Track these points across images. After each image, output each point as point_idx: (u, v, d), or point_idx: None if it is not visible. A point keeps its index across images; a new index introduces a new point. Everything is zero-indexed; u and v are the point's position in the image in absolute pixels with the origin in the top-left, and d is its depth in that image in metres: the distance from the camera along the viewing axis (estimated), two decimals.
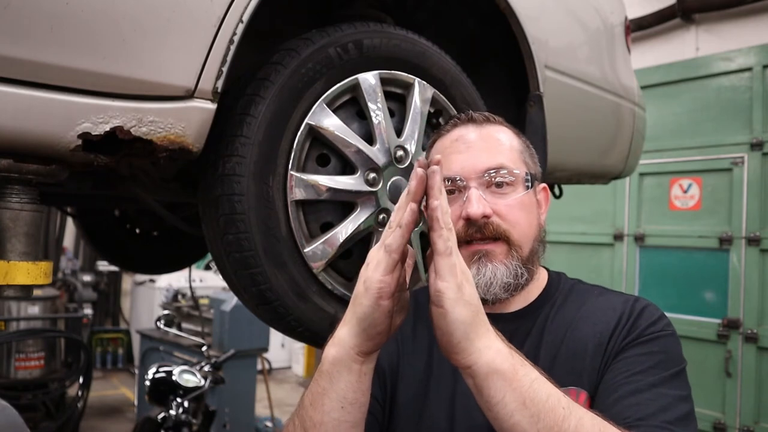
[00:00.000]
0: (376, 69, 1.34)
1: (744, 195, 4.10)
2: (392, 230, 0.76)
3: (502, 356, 0.74)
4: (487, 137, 1.01)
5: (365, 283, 0.77)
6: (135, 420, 5.16)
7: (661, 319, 0.94)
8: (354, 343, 0.80)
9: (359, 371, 0.81)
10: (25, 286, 1.03)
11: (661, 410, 0.82)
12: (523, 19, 1.60)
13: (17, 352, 4.81)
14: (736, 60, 4.30)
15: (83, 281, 7.46)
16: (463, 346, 0.74)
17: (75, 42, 0.94)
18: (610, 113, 2.16)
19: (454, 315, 0.72)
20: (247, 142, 1.18)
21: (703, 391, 4.12)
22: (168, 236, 2.77)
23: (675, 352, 0.91)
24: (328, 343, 0.83)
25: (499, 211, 0.95)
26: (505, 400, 0.72)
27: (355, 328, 0.79)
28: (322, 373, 0.82)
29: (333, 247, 1.27)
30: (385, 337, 0.81)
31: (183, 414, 3.46)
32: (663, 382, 0.86)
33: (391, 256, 0.75)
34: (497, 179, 0.97)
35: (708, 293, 4.28)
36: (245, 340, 4.61)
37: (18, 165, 0.99)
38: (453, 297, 0.72)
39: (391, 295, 0.77)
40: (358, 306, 0.79)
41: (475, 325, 0.74)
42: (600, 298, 1.01)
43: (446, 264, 0.73)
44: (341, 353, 0.81)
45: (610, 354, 0.91)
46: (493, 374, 0.73)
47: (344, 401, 0.81)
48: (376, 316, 0.77)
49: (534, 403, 0.72)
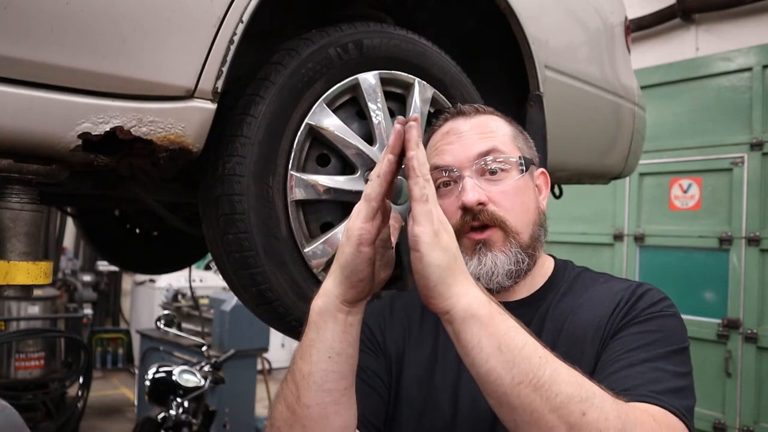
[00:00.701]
0: (376, 69, 1.34)
1: (744, 195, 4.11)
2: (372, 181, 0.79)
3: (478, 301, 0.75)
4: (477, 126, 1.02)
5: (347, 232, 0.80)
6: (135, 420, 5.15)
7: (662, 301, 0.93)
8: (338, 291, 0.82)
9: (345, 321, 0.82)
10: (25, 286, 1.03)
11: (650, 381, 0.81)
12: (523, 19, 1.60)
13: (17, 352, 4.81)
14: (736, 60, 4.30)
15: (83, 281, 7.46)
16: (440, 290, 0.75)
17: (75, 42, 0.94)
18: (610, 113, 2.16)
19: (429, 258, 0.73)
20: (247, 142, 1.18)
21: (703, 391, 4.12)
22: (168, 236, 2.77)
23: (674, 331, 0.90)
24: (315, 296, 0.85)
25: (494, 198, 0.96)
26: (481, 344, 0.73)
27: (338, 276, 0.81)
28: (310, 324, 0.84)
29: (333, 247, 1.27)
30: (368, 287, 0.82)
31: (183, 414, 3.46)
32: (657, 357, 0.85)
33: (370, 204, 0.78)
34: (491, 166, 0.97)
35: (708, 293, 4.28)
36: (245, 340, 4.61)
37: (18, 165, 0.99)
38: (428, 241, 0.74)
39: (371, 242, 0.79)
40: (340, 254, 0.81)
41: (451, 270, 0.75)
42: (604, 285, 1.00)
43: (422, 210, 0.74)
44: (327, 303, 0.83)
45: (606, 336, 0.91)
46: (470, 318, 0.74)
47: (331, 351, 0.82)
48: (358, 262, 0.79)
49: (509, 349, 0.73)
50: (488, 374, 0.73)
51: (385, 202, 0.80)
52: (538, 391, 0.71)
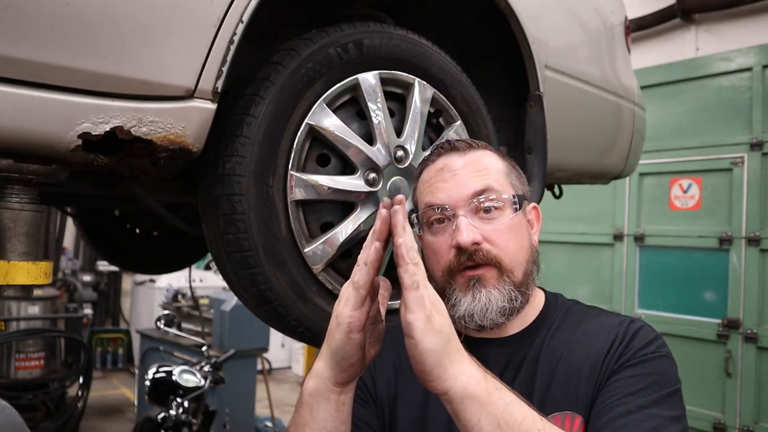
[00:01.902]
0: (376, 69, 1.34)
1: (744, 195, 4.11)
2: (359, 268, 0.80)
3: (475, 380, 0.77)
4: (471, 163, 1.01)
5: (337, 319, 0.82)
6: (135, 420, 5.16)
7: (654, 341, 0.94)
8: (329, 374, 0.84)
9: (337, 401, 0.85)
10: (25, 286, 1.02)
11: (650, 431, 0.82)
12: (523, 19, 1.60)
13: (17, 352, 4.82)
14: (736, 60, 4.30)
15: (83, 281, 7.47)
16: (437, 374, 0.76)
17: (75, 42, 0.94)
18: (610, 113, 2.16)
19: (424, 344, 0.75)
20: (247, 142, 1.18)
21: (703, 391, 4.12)
22: (168, 236, 2.77)
23: (669, 373, 0.91)
24: (307, 376, 0.88)
25: (489, 237, 0.96)
26: (481, 423, 0.75)
27: (329, 361, 0.84)
28: (303, 404, 0.87)
29: (333, 247, 1.27)
30: (360, 369, 0.85)
31: (183, 414, 3.46)
32: (654, 403, 0.86)
33: (359, 292, 0.80)
34: (485, 204, 0.97)
35: (708, 293, 4.28)
36: (245, 340, 4.61)
37: (18, 165, 0.99)
38: (422, 327, 0.75)
39: (360, 329, 0.81)
40: (331, 340, 0.83)
41: (447, 353, 0.76)
42: (595, 321, 1.01)
43: (413, 297, 0.76)
44: (318, 385, 0.85)
45: (603, 377, 0.91)
46: (468, 399, 0.76)
47: (324, 431, 0.85)
48: (348, 348, 0.81)
49: (509, 425, 0.75)
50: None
51: (374, 284, 0.81)
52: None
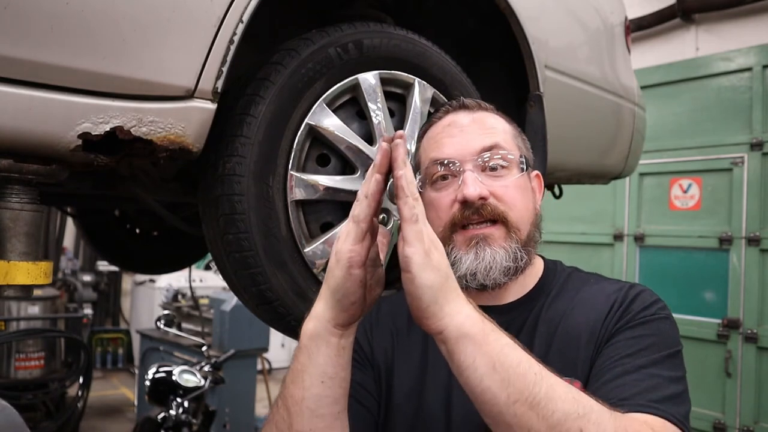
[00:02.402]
0: (376, 69, 1.34)
1: (744, 195, 4.10)
2: (360, 201, 0.78)
3: (471, 320, 0.74)
4: (479, 120, 1.00)
5: (336, 255, 0.79)
6: (135, 420, 5.16)
7: (655, 303, 0.93)
8: (330, 315, 0.81)
9: (337, 345, 0.81)
10: (25, 286, 1.03)
11: (647, 390, 0.80)
12: (523, 19, 1.60)
13: (17, 352, 4.81)
14: (736, 60, 4.30)
15: (83, 281, 7.47)
16: (432, 311, 0.74)
17: (75, 42, 0.94)
18: (610, 113, 2.16)
19: (421, 279, 0.73)
20: (247, 142, 1.18)
21: (703, 391, 4.12)
22: (168, 236, 2.77)
23: (668, 334, 0.89)
24: (306, 319, 0.84)
25: (496, 193, 0.94)
26: (476, 364, 0.72)
27: (329, 300, 0.80)
28: (301, 348, 0.83)
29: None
30: (360, 310, 0.81)
31: (183, 414, 3.46)
32: (653, 363, 0.84)
33: (359, 226, 0.77)
34: (492, 162, 0.96)
35: (708, 293, 4.28)
36: (245, 340, 4.61)
37: (18, 165, 0.99)
38: (420, 262, 0.72)
39: (361, 264, 0.77)
40: (331, 278, 0.80)
41: (443, 290, 0.74)
42: (595, 286, 1.00)
43: (412, 230, 0.73)
44: (318, 327, 0.81)
45: (601, 340, 0.90)
46: (463, 338, 0.73)
47: (324, 376, 0.81)
48: (348, 285, 0.78)
49: (504, 367, 0.72)
50: (483, 394, 0.72)
51: (374, 221, 0.79)
52: (534, 409, 0.71)
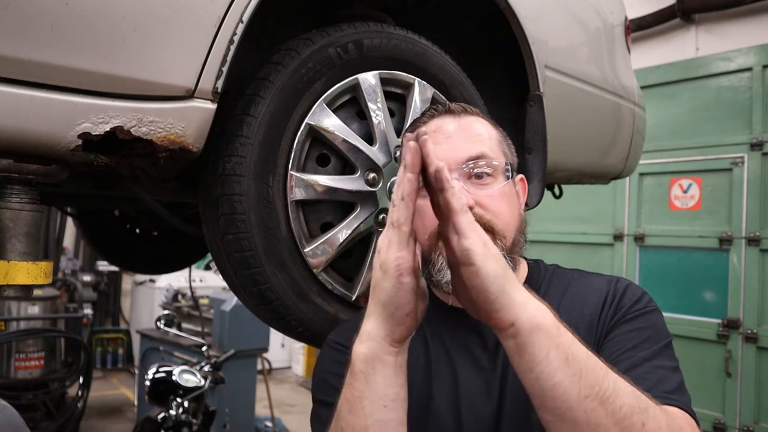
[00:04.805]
0: (376, 69, 1.34)
1: (744, 195, 4.10)
2: (397, 205, 0.73)
3: (543, 311, 0.71)
4: (466, 127, 0.99)
5: (382, 267, 0.74)
6: (135, 420, 5.16)
7: (644, 296, 0.95)
8: (384, 332, 0.76)
9: (395, 364, 0.77)
10: (25, 286, 1.03)
11: (658, 382, 0.82)
12: (523, 19, 1.60)
13: (17, 352, 4.82)
14: (736, 60, 4.30)
15: (83, 281, 7.47)
16: (502, 302, 0.70)
17: (75, 42, 0.94)
18: (610, 113, 2.16)
19: (486, 270, 0.69)
20: (247, 142, 1.18)
21: (703, 391, 4.12)
22: (168, 236, 2.77)
23: (661, 326, 0.92)
24: (355, 344, 0.79)
25: (482, 202, 0.94)
26: (549, 357, 0.69)
27: (381, 315, 0.76)
28: (356, 374, 0.78)
29: (333, 247, 1.27)
30: (413, 322, 0.77)
31: (183, 414, 3.46)
32: (654, 355, 0.86)
33: (402, 230, 0.73)
34: (477, 170, 0.95)
35: (708, 293, 4.28)
36: (245, 340, 4.61)
37: (18, 165, 0.99)
38: (482, 252, 0.69)
39: (410, 270, 0.73)
40: (379, 293, 0.75)
41: (508, 279, 0.71)
42: (581, 281, 1.01)
43: (466, 221, 0.70)
44: (373, 348, 0.77)
45: (600, 335, 0.91)
46: (537, 330, 0.69)
47: (385, 399, 0.76)
48: (401, 295, 0.74)
49: (576, 360, 0.69)
50: (554, 389, 0.69)
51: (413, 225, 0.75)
52: (604, 404, 0.69)
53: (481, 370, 0.96)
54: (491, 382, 0.94)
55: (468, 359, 0.97)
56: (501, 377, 0.94)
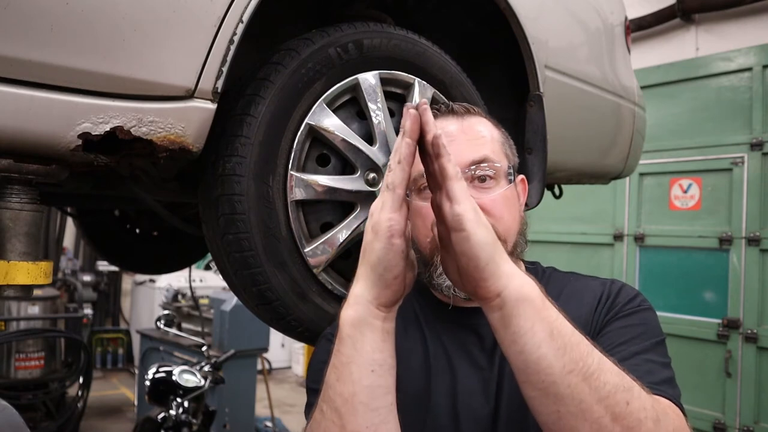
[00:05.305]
0: (376, 69, 1.34)
1: (744, 195, 4.11)
2: (393, 168, 0.73)
3: (530, 283, 0.72)
4: (468, 129, 0.99)
5: (373, 228, 0.74)
6: (135, 420, 5.16)
7: (637, 296, 0.97)
8: (372, 295, 0.76)
9: (382, 329, 0.77)
10: (25, 286, 1.03)
11: (646, 374, 0.82)
12: (523, 19, 1.60)
13: (17, 352, 4.82)
14: (736, 60, 4.30)
15: (83, 281, 7.47)
16: (491, 270, 0.70)
17: (75, 42, 0.94)
18: (610, 113, 2.16)
19: (477, 236, 0.69)
20: (247, 142, 1.18)
21: (703, 391, 4.12)
22: (168, 236, 2.77)
23: (654, 324, 0.93)
24: (343, 308, 0.78)
25: (484, 206, 0.93)
26: (534, 329, 0.69)
27: (370, 277, 0.76)
28: (343, 339, 0.77)
29: (333, 247, 1.27)
30: (402, 287, 0.77)
31: (183, 414, 3.46)
32: (645, 350, 0.87)
33: (396, 192, 0.73)
34: (480, 173, 0.95)
35: (708, 293, 4.28)
36: (245, 340, 4.61)
37: (18, 165, 0.99)
38: (473, 218, 0.69)
39: (402, 233, 0.73)
40: (369, 253, 0.75)
41: (497, 248, 0.71)
42: (577, 283, 1.02)
43: (459, 187, 0.70)
44: (360, 311, 0.76)
45: (594, 333, 0.93)
46: (524, 301, 0.70)
47: (373, 364, 0.76)
48: (390, 257, 0.73)
49: (561, 335, 0.70)
50: (538, 362, 0.69)
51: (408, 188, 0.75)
52: (587, 380, 0.69)
53: (479, 369, 0.96)
54: (488, 382, 0.95)
55: (466, 358, 0.97)
56: (498, 377, 0.94)
